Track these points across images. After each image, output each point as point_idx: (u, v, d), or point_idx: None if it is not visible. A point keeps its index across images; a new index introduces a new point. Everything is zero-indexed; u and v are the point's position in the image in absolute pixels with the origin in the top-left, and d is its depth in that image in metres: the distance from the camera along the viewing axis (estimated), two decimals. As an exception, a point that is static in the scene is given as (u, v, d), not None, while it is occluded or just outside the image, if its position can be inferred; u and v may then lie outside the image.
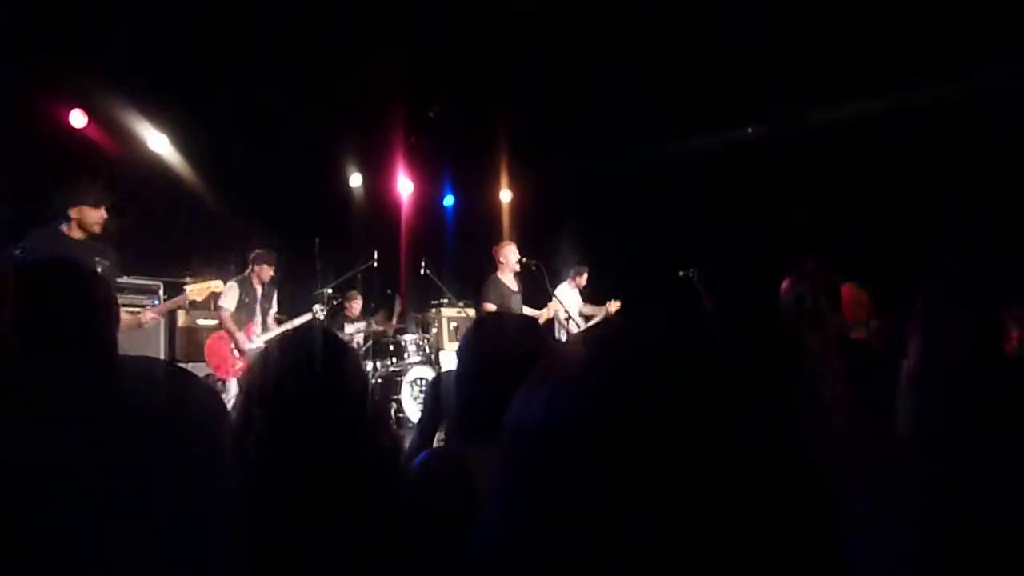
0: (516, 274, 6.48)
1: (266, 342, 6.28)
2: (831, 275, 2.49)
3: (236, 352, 6.24)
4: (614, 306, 6.79)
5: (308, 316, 6.62)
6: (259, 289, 6.43)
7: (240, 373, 6.15)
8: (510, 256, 6.45)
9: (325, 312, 6.86)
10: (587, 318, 6.76)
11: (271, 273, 6.46)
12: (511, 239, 6.81)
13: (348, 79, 6.88)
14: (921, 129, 6.11)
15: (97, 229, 4.29)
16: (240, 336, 6.21)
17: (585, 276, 7.61)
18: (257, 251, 6.45)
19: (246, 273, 6.37)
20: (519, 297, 6.47)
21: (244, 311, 6.30)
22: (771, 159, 7.16)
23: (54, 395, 0.79)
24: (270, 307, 6.58)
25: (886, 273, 3.44)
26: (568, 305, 7.39)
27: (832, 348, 1.97)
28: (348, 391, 1.39)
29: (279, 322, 6.60)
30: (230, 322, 6.20)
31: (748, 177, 7.19)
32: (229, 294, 6.23)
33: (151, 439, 0.80)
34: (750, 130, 7.77)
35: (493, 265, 6.55)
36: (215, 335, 6.33)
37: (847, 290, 3.35)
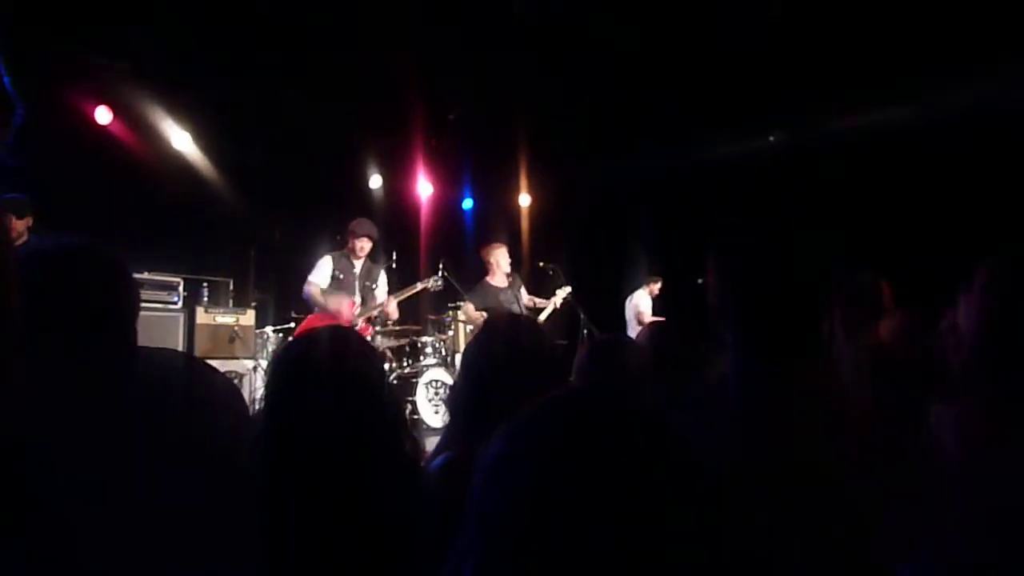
0: (508, 275, 6.40)
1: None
2: (873, 289, 2.47)
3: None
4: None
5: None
6: (357, 265, 5.91)
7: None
8: (501, 260, 6.37)
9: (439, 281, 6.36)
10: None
11: (370, 246, 5.90)
12: (528, 242, 6.80)
13: (369, 81, 6.90)
14: (940, 135, 6.05)
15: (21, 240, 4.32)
16: (334, 302, 5.61)
17: (659, 284, 7.95)
18: (355, 220, 5.95)
19: (344, 248, 5.92)
20: (511, 292, 6.39)
21: (340, 288, 5.77)
22: (793, 166, 7.11)
23: (72, 382, 0.78)
24: (374, 286, 5.98)
25: (903, 269, 3.39)
26: (644, 311, 7.80)
27: (865, 360, 1.95)
28: (368, 389, 1.39)
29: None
30: (317, 295, 5.66)
31: (769, 184, 7.14)
32: (320, 268, 5.78)
33: (169, 429, 0.79)
34: (772, 137, 7.72)
35: (484, 269, 6.49)
36: (314, 315, 5.81)
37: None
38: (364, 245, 5.89)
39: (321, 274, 5.77)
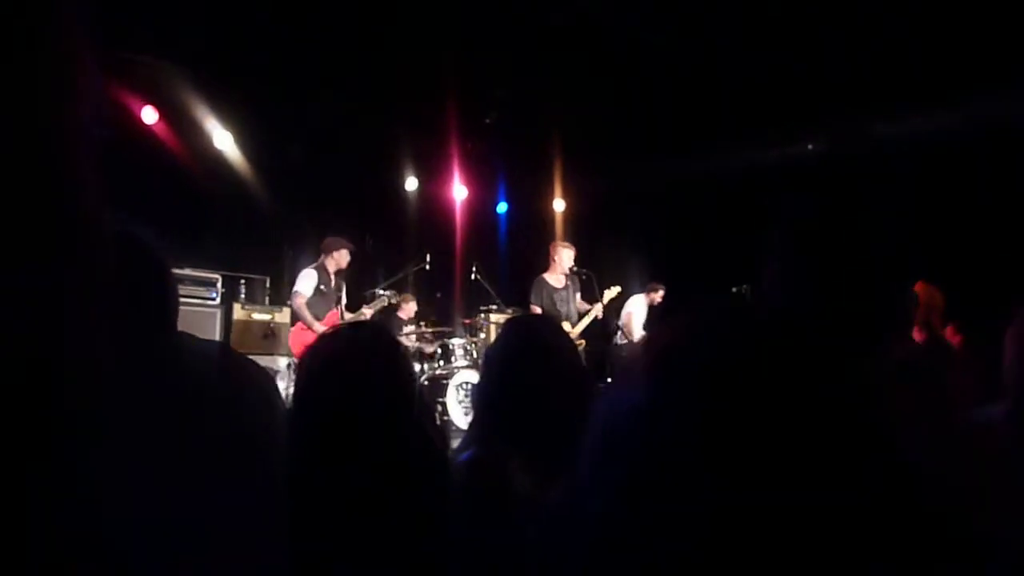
0: (567, 275, 6.49)
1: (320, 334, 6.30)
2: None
3: None
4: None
5: (384, 302, 6.62)
6: (334, 279, 6.31)
7: None
8: (563, 258, 6.48)
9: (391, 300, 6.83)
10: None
11: (348, 260, 6.35)
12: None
13: (408, 84, 6.95)
14: (989, 144, 5.92)
15: None
16: (318, 325, 6.02)
17: (661, 293, 7.70)
18: (331, 238, 6.36)
19: (320, 261, 6.32)
20: (566, 293, 6.47)
21: (323, 300, 6.18)
22: (832, 174, 7.01)
23: (114, 359, 0.79)
24: (342, 295, 6.42)
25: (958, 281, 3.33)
26: (637, 317, 7.55)
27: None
28: (394, 384, 1.40)
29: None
30: (304, 309, 6.06)
31: (807, 192, 7.04)
32: (305, 279, 6.15)
33: (206, 415, 0.81)
34: (811, 146, 7.61)
35: (545, 263, 6.59)
36: (298, 325, 6.25)
37: (919, 287, 3.25)
38: (347, 258, 6.35)
39: (306, 284, 6.14)
